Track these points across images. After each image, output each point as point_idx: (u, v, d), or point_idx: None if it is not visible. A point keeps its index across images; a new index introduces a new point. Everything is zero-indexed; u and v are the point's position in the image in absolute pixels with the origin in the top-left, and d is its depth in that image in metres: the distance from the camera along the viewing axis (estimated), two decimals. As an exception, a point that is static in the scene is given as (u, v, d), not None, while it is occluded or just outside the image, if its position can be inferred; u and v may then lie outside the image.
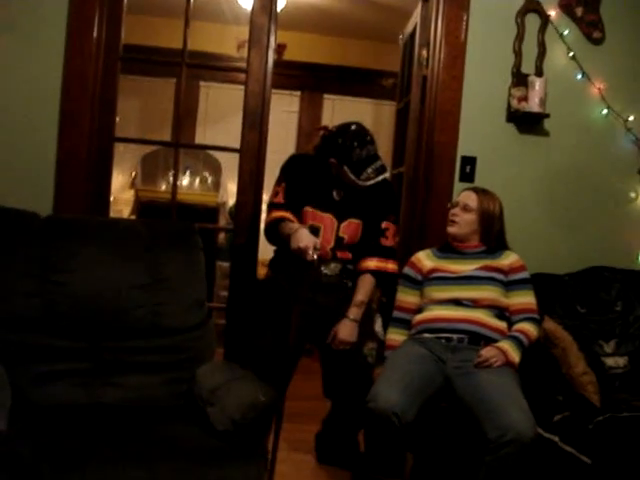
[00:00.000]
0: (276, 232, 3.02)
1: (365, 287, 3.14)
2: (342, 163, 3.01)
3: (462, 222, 3.10)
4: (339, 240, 3.11)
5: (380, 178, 3.01)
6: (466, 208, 3.10)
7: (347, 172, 3.00)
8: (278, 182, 3.15)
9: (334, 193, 3.15)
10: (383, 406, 2.58)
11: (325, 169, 3.12)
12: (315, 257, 2.80)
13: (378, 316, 3.33)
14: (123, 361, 2.64)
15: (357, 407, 2.82)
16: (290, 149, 6.87)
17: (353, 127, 3.08)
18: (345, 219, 3.12)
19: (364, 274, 3.14)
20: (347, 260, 3.15)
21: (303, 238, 2.82)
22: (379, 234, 3.15)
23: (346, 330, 3.08)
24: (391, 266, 3.17)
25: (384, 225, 3.16)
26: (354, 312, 3.10)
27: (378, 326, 3.28)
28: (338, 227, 3.11)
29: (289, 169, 3.18)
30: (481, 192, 3.16)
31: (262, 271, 3.61)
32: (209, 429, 2.31)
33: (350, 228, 3.13)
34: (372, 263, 3.14)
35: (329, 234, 3.09)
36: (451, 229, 3.12)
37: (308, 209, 3.10)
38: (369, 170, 2.98)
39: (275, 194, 3.11)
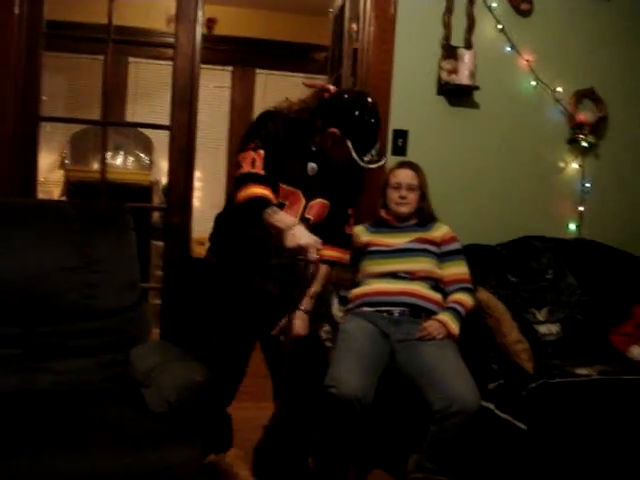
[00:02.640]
0: (258, 216, 2.44)
1: (321, 277, 2.85)
2: (347, 137, 2.58)
3: (411, 202, 3.13)
4: (302, 221, 2.62)
5: (382, 162, 2.69)
6: (411, 187, 3.13)
7: (349, 148, 2.57)
8: (252, 145, 2.59)
9: (309, 167, 2.72)
10: (346, 392, 2.54)
11: (306, 137, 2.72)
12: (316, 257, 2.44)
13: (335, 297, 3.20)
14: (56, 346, 2.58)
15: (313, 401, 2.70)
16: (223, 125, 6.81)
17: (370, 100, 2.71)
18: (314, 198, 2.72)
19: (322, 263, 2.78)
20: None
21: (303, 235, 2.41)
22: (344, 220, 2.86)
23: (302, 323, 2.76)
24: (347, 257, 2.95)
25: (350, 211, 2.88)
26: (307, 303, 2.80)
27: (335, 309, 3.17)
28: (305, 206, 2.71)
29: (268, 130, 2.64)
30: (416, 168, 3.19)
31: (198, 249, 3.56)
32: (145, 411, 2.27)
33: (317, 209, 2.74)
34: (334, 253, 2.84)
35: (294, 213, 2.64)
36: (404, 209, 3.13)
37: (282, 186, 2.65)
38: (373, 152, 2.63)
39: (251, 162, 2.54)
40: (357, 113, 2.61)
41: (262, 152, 2.56)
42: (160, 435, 2.18)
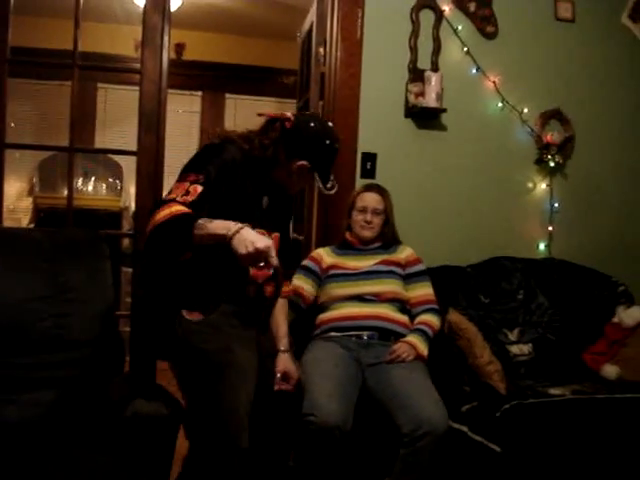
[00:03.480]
0: (185, 232, 2.08)
1: (285, 314, 2.69)
2: (315, 169, 2.44)
3: (375, 226, 3.14)
4: None
5: (337, 187, 2.53)
6: (376, 212, 3.14)
7: (314, 179, 2.45)
8: (192, 177, 2.24)
9: (263, 201, 2.49)
10: (327, 419, 2.47)
11: (266, 172, 2.48)
12: (277, 262, 2.12)
13: None
14: (24, 377, 2.49)
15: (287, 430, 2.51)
16: (193, 150, 6.73)
17: (330, 125, 2.61)
18: (271, 233, 2.47)
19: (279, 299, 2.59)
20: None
21: (258, 237, 2.06)
22: (289, 248, 2.70)
23: (293, 365, 2.57)
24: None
25: (291, 237, 2.77)
26: (285, 343, 2.61)
27: None
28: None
29: (221, 166, 2.30)
30: (382, 191, 3.20)
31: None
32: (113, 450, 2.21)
33: (275, 243, 2.43)
34: (287, 287, 2.71)
35: None
36: (368, 233, 3.13)
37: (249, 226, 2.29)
38: (332, 177, 2.50)
39: (184, 192, 2.19)
40: (327, 142, 2.46)
41: (200, 189, 2.20)
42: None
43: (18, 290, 2.57)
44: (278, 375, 2.49)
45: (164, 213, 2.12)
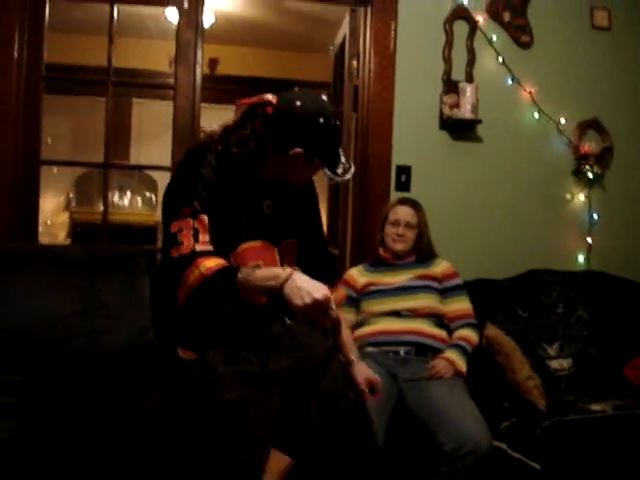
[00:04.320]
0: (228, 293, 1.87)
1: (346, 323, 2.45)
2: (313, 153, 2.03)
3: (407, 239, 3.12)
4: None
5: (353, 169, 2.11)
6: (409, 225, 3.12)
7: (316, 166, 2.07)
8: (189, 210, 1.96)
9: (264, 206, 2.17)
10: None
11: (253, 170, 2.13)
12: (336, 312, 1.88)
13: None
14: (59, 394, 2.50)
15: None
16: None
17: (325, 98, 2.11)
18: (281, 240, 2.18)
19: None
20: None
21: (313, 285, 1.82)
22: (321, 256, 2.35)
23: (372, 371, 2.37)
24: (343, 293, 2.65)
25: (323, 238, 2.43)
26: (356, 351, 2.39)
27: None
28: (281, 257, 2.17)
29: (204, 181, 2.01)
30: (415, 205, 3.18)
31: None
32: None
33: (289, 252, 2.21)
34: (338, 295, 2.44)
35: None
36: (399, 246, 3.11)
37: (246, 246, 2.08)
38: (342, 159, 2.09)
39: (193, 234, 1.93)
40: (322, 121, 2.01)
41: (205, 217, 1.96)
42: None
43: (54, 306, 2.59)
44: (363, 387, 2.23)
45: (195, 276, 1.88)
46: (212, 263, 1.88)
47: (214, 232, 1.96)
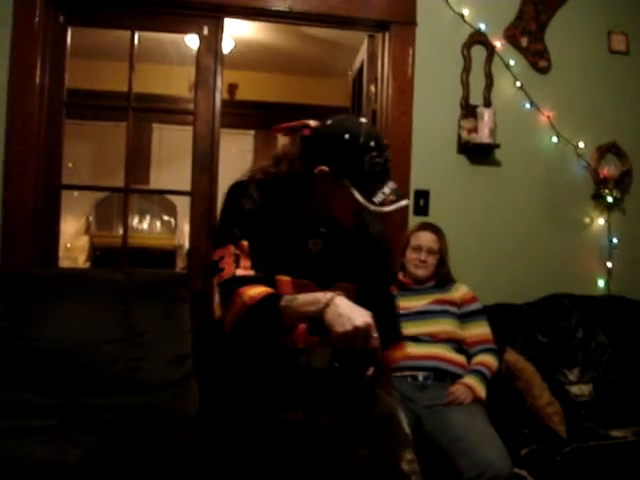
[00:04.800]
0: (272, 317, 1.79)
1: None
2: (342, 174, 1.85)
3: (429, 265, 3.12)
4: None
5: (404, 203, 1.85)
6: (431, 251, 3.13)
7: (349, 189, 1.84)
8: (230, 236, 1.90)
9: (310, 244, 1.99)
10: None
11: (298, 203, 1.98)
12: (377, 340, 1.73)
13: (400, 409, 2.33)
14: (92, 419, 2.53)
15: None
16: (246, 188, 6.82)
17: (364, 120, 1.99)
18: (331, 284, 1.93)
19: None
20: None
21: (355, 311, 1.71)
22: (384, 306, 2.04)
23: None
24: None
25: (393, 290, 2.17)
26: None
27: (404, 421, 2.26)
28: None
29: (245, 211, 1.92)
30: (437, 231, 3.19)
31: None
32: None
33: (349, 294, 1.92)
34: (400, 353, 2.15)
35: None
36: (422, 272, 3.12)
37: (283, 279, 1.92)
38: (386, 190, 1.83)
39: (234, 260, 1.86)
40: (347, 137, 1.85)
41: (245, 243, 1.87)
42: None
43: (92, 331, 2.63)
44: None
45: (239, 305, 1.80)
46: (254, 292, 1.80)
47: (259, 257, 1.88)
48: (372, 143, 1.85)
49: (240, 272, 1.83)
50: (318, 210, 1.97)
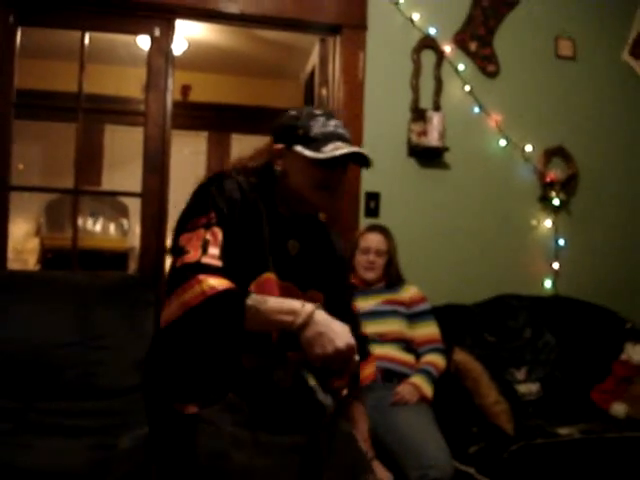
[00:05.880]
0: (231, 320, 1.58)
1: (364, 413, 2.13)
2: (293, 142, 1.80)
3: (378, 267, 3.14)
4: None
5: (357, 149, 1.82)
6: (379, 253, 3.14)
7: (301, 152, 1.78)
8: (204, 220, 1.69)
9: (290, 245, 1.88)
10: None
11: (271, 199, 1.87)
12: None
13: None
14: (48, 424, 2.50)
15: None
16: (199, 190, 6.78)
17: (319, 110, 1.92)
18: (308, 289, 1.86)
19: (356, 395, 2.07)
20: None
21: (337, 331, 1.57)
22: (349, 319, 1.79)
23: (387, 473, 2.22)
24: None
25: (354, 308, 2.13)
26: (369, 448, 2.10)
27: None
28: None
29: (227, 196, 1.75)
30: (385, 232, 3.21)
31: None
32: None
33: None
34: (368, 370, 2.21)
35: None
36: (371, 275, 3.13)
37: (271, 277, 1.77)
38: (339, 143, 1.77)
39: (202, 245, 1.64)
40: (294, 112, 1.87)
41: (218, 231, 1.68)
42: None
43: (52, 334, 2.60)
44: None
45: (195, 293, 1.56)
46: (218, 282, 1.57)
47: (229, 255, 1.67)
48: (318, 111, 1.86)
49: (206, 260, 1.61)
50: (289, 202, 1.87)
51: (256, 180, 1.86)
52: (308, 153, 1.76)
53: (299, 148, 1.78)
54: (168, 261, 1.83)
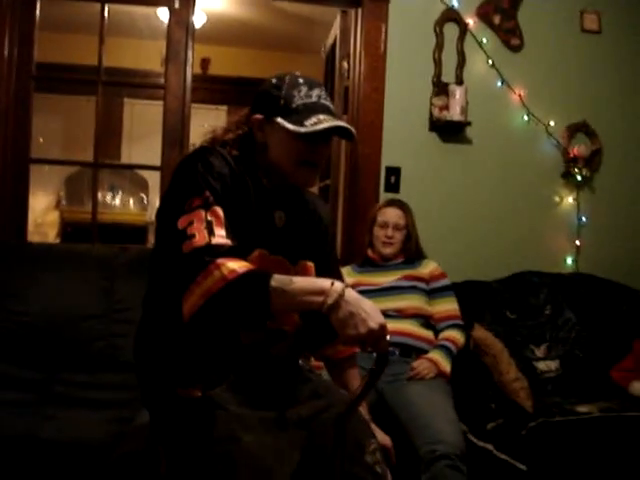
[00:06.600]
0: (260, 300, 1.49)
1: (356, 371, 2.15)
2: (274, 113, 1.74)
3: (396, 242, 3.12)
4: None
5: (340, 123, 1.74)
6: (397, 227, 3.12)
7: (282, 125, 1.71)
8: (200, 201, 1.60)
9: (276, 217, 1.84)
10: None
11: (254, 170, 1.81)
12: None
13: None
14: (71, 395, 2.53)
15: None
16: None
17: (297, 73, 1.85)
18: (297, 261, 1.85)
19: (349, 360, 2.12)
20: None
21: (369, 311, 1.50)
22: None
23: (383, 434, 2.09)
24: None
25: (339, 270, 2.12)
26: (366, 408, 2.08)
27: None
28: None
29: (217, 172, 1.68)
30: (404, 207, 3.18)
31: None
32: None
33: (306, 274, 1.84)
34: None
35: None
36: (389, 250, 3.11)
37: (262, 253, 1.74)
38: (321, 116, 1.71)
39: (206, 227, 1.56)
40: (275, 80, 1.80)
41: (219, 209, 1.61)
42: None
43: (76, 306, 2.63)
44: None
45: (215, 279, 1.49)
46: (237, 264, 1.50)
47: (232, 228, 1.62)
48: (300, 80, 1.78)
49: (216, 240, 1.54)
50: (270, 174, 1.82)
51: (237, 152, 1.79)
52: (289, 126, 1.69)
53: (280, 120, 1.71)
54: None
